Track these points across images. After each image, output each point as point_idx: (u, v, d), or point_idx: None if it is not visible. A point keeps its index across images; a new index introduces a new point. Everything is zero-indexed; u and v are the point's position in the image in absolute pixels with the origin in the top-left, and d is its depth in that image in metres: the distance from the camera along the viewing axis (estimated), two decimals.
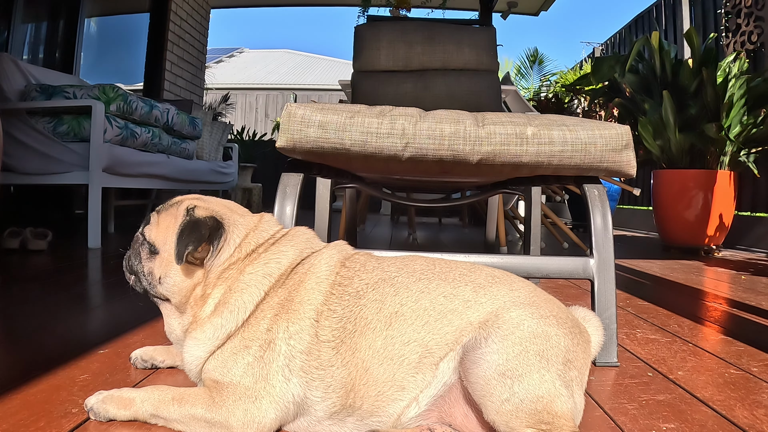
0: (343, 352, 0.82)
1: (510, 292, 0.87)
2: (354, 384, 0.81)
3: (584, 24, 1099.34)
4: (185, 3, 6.43)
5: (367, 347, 0.82)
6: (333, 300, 0.86)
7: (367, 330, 0.83)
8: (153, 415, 0.82)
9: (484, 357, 0.77)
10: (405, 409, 0.81)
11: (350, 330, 0.83)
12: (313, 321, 0.84)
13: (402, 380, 0.81)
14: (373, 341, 0.82)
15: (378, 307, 0.85)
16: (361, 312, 0.85)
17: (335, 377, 0.81)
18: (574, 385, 0.79)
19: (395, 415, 0.82)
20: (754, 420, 0.93)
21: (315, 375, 0.82)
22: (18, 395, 0.92)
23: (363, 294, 0.87)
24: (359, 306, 0.85)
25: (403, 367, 0.81)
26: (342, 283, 0.88)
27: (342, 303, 0.86)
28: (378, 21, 3.68)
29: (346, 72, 3.08)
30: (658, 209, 4.14)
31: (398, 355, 0.82)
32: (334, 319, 0.84)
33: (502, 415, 0.74)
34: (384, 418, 0.82)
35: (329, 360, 0.82)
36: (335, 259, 0.93)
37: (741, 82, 3.79)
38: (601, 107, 6.21)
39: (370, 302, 0.86)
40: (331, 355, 0.82)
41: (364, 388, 0.81)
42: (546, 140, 1.19)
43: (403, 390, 0.81)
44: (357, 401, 0.81)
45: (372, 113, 1.21)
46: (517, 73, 10.24)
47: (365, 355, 0.82)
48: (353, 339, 0.83)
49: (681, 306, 1.98)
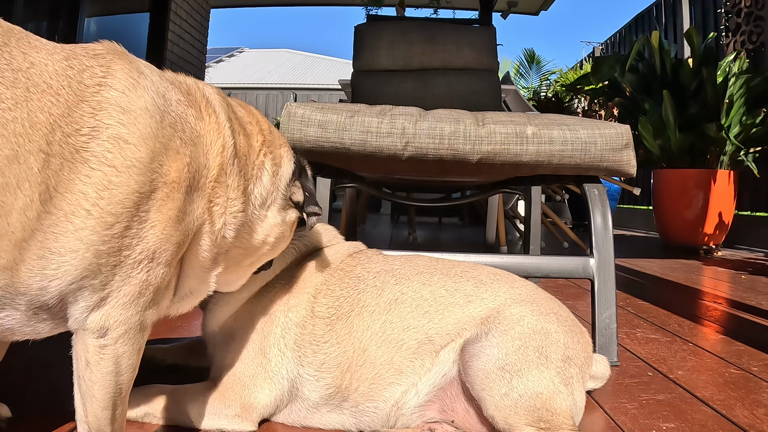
0: (337, 330, 0.84)
1: (511, 289, 0.88)
2: (350, 364, 0.82)
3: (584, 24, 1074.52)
4: (185, 3, 6.43)
5: (364, 328, 0.84)
6: (333, 281, 0.89)
7: (364, 312, 0.85)
8: (147, 414, 0.82)
9: (483, 350, 0.78)
10: (403, 395, 0.82)
11: (346, 309, 0.86)
12: (311, 297, 0.87)
13: (400, 364, 0.82)
14: (371, 323, 0.84)
15: (377, 293, 0.87)
16: (359, 295, 0.87)
17: (329, 354, 0.83)
18: (574, 382, 0.79)
19: (392, 401, 0.82)
20: (754, 420, 0.93)
21: (308, 350, 0.83)
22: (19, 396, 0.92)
23: (363, 279, 0.89)
24: (358, 290, 0.88)
25: (402, 351, 0.82)
26: (344, 269, 0.92)
27: (341, 285, 0.89)
28: (378, 20, 3.68)
29: (346, 71, 3.08)
30: (658, 209, 4.14)
31: (397, 339, 0.83)
32: (331, 298, 0.87)
33: (501, 410, 0.74)
34: (381, 404, 0.82)
35: (323, 335, 0.84)
36: (345, 250, 0.97)
37: (741, 81, 3.79)
38: (601, 107, 6.22)
39: (370, 287, 0.88)
40: (324, 330, 0.84)
41: (360, 369, 0.82)
42: (546, 139, 1.19)
43: (401, 374, 0.82)
44: (353, 383, 0.82)
45: (372, 112, 1.21)
46: (516, 72, 10.23)
47: (363, 336, 0.83)
48: (349, 318, 0.85)
49: (681, 305, 1.98)
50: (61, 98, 0.55)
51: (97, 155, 0.56)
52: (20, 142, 0.52)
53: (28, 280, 0.54)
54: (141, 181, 0.58)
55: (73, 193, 0.55)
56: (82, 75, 0.58)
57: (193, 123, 0.66)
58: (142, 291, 0.61)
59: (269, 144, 0.79)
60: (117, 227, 0.57)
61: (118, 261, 0.58)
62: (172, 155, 0.62)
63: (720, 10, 5.22)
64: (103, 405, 0.61)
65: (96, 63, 0.60)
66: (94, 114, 0.57)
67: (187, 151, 0.64)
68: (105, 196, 0.56)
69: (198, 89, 0.72)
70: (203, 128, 0.68)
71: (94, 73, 0.59)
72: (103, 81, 0.59)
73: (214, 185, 0.68)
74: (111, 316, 0.59)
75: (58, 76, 0.56)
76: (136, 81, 0.61)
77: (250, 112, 0.81)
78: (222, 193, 0.69)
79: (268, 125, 0.83)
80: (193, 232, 0.66)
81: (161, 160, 0.61)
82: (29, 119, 0.53)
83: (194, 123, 0.67)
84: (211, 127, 0.69)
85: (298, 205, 0.82)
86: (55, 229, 0.54)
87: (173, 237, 0.62)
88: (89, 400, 0.61)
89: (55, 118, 0.54)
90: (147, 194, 0.59)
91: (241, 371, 0.82)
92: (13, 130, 0.52)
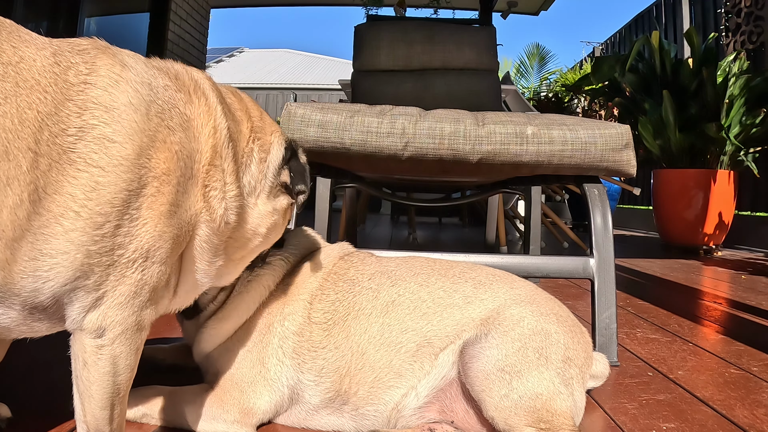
0: (335, 335, 0.83)
1: (511, 290, 0.88)
2: (349, 368, 0.82)
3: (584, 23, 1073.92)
4: (185, 3, 6.43)
5: (362, 332, 0.83)
6: (327, 285, 0.88)
7: (360, 315, 0.85)
8: (145, 414, 0.82)
9: (483, 352, 0.78)
10: (403, 398, 0.82)
11: (342, 313, 0.85)
12: (307, 303, 0.86)
13: (399, 367, 0.82)
14: (368, 327, 0.83)
15: (373, 295, 0.86)
16: (354, 298, 0.86)
17: (328, 360, 0.82)
18: (574, 383, 0.79)
19: (392, 404, 0.82)
20: (754, 420, 0.93)
21: (307, 357, 0.83)
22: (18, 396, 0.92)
23: (358, 282, 0.89)
24: (353, 292, 0.87)
25: (401, 354, 0.82)
26: (338, 272, 0.91)
27: (336, 288, 0.88)
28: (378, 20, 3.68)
29: (346, 71, 3.08)
30: (658, 209, 4.14)
31: (395, 342, 0.82)
32: (326, 302, 0.86)
33: (501, 411, 0.74)
34: (381, 407, 0.82)
35: (321, 341, 0.83)
36: (335, 253, 0.96)
37: (741, 81, 3.79)
38: (601, 107, 6.21)
39: (365, 290, 0.87)
40: (322, 336, 0.84)
41: (359, 373, 0.82)
42: (546, 140, 1.19)
43: (401, 377, 0.82)
44: (353, 387, 0.82)
45: (372, 112, 1.21)
46: (516, 72, 10.23)
47: (360, 340, 0.83)
48: (346, 322, 0.84)
49: (681, 305, 1.98)
50: (48, 96, 0.55)
51: (83, 156, 0.55)
52: (10, 138, 0.51)
53: (21, 281, 0.54)
54: (129, 179, 0.57)
55: (61, 194, 0.54)
56: (68, 73, 0.57)
57: (182, 107, 0.65)
58: (138, 290, 0.60)
59: (258, 130, 0.77)
60: (107, 227, 0.56)
61: (111, 261, 0.57)
62: (159, 146, 0.60)
63: (720, 10, 5.22)
64: (101, 405, 0.61)
65: (81, 59, 0.59)
66: (80, 114, 0.56)
67: (176, 138, 0.62)
68: (93, 197, 0.55)
69: (186, 73, 0.71)
70: (193, 111, 0.66)
71: (79, 71, 0.58)
72: (87, 79, 0.58)
73: (208, 169, 0.66)
74: (107, 316, 0.59)
75: (46, 72, 0.55)
76: (119, 76, 0.60)
77: (240, 99, 0.79)
78: (218, 177, 0.67)
79: (259, 111, 0.81)
80: (191, 224, 0.65)
81: (149, 153, 0.59)
82: (18, 115, 0.52)
83: (183, 107, 0.65)
84: (201, 110, 0.67)
85: (287, 188, 0.79)
86: (45, 230, 0.54)
87: (167, 233, 0.61)
88: (87, 400, 0.61)
89: (43, 116, 0.54)
90: (136, 191, 0.58)
91: (239, 377, 0.82)
92: (3, 125, 0.51)
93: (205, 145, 0.66)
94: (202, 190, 0.65)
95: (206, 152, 0.66)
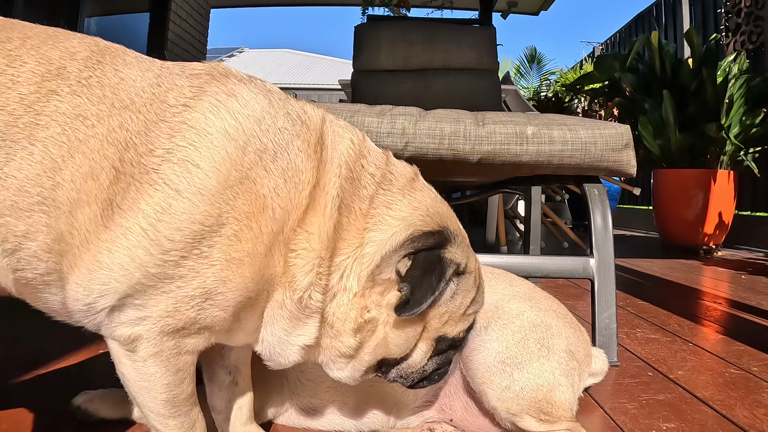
0: None
1: (510, 287, 0.88)
2: None
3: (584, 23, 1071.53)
4: (185, 3, 6.43)
5: None
6: None
7: None
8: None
9: (484, 344, 0.78)
10: (402, 397, 0.82)
11: None
12: None
13: None
14: None
15: None
16: None
17: None
18: (575, 375, 0.79)
19: (392, 404, 0.82)
20: (754, 419, 0.93)
21: None
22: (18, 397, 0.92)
23: None
24: None
25: None
26: None
27: None
28: (378, 20, 3.68)
29: (346, 71, 3.08)
30: (658, 209, 4.14)
31: None
32: None
33: (503, 402, 0.74)
34: (380, 407, 0.82)
35: None
36: None
37: (741, 81, 3.79)
38: (601, 107, 6.22)
39: None
40: None
41: None
42: (546, 140, 1.19)
43: None
44: None
45: (372, 112, 1.21)
46: (516, 72, 10.23)
47: None
48: None
49: (681, 305, 1.98)
50: (141, 116, 0.54)
51: (163, 177, 0.53)
52: (96, 158, 0.52)
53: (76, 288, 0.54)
54: (206, 212, 0.53)
55: (134, 211, 0.52)
56: (167, 94, 0.56)
57: (293, 155, 0.59)
58: (187, 326, 0.56)
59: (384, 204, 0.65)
60: (173, 254, 0.53)
61: (168, 290, 0.54)
62: (249, 186, 0.55)
63: (720, 10, 5.22)
64: (141, 402, 0.60)
65: (188, 83, 0.58)
66: (171, 135, 0.54)
67: (271, 183, 0.57)
68: (164, 219, 0.52)
69: (319, 120, 0.64)
70: (304, 163, 0.59)
71: (182, 94, 0.56)
72: (189, 102, 0.56)
73: (297, 231, 0.59)
74: (145, 338, 0.56)
75: (143, 92, 0.55)
76: (222, 103, 0.57)
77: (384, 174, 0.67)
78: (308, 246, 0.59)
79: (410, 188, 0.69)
80: (268, 281, 0.58)
81: (236, 190, 0.54)
82: (108, 135, 0.52)
83: (294, 155, 0.59)
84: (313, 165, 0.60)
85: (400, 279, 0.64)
86: (110, 244, 0.52)
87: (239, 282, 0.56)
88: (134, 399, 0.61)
89: (131, 135, 0.53)
90: (212, 228, 0.54)
91: None
92: (92, 146, 0.52)
93: (302, 202, 0.59)
94: (285, 252, 0.59)
95: (300, 210, 0.59)
